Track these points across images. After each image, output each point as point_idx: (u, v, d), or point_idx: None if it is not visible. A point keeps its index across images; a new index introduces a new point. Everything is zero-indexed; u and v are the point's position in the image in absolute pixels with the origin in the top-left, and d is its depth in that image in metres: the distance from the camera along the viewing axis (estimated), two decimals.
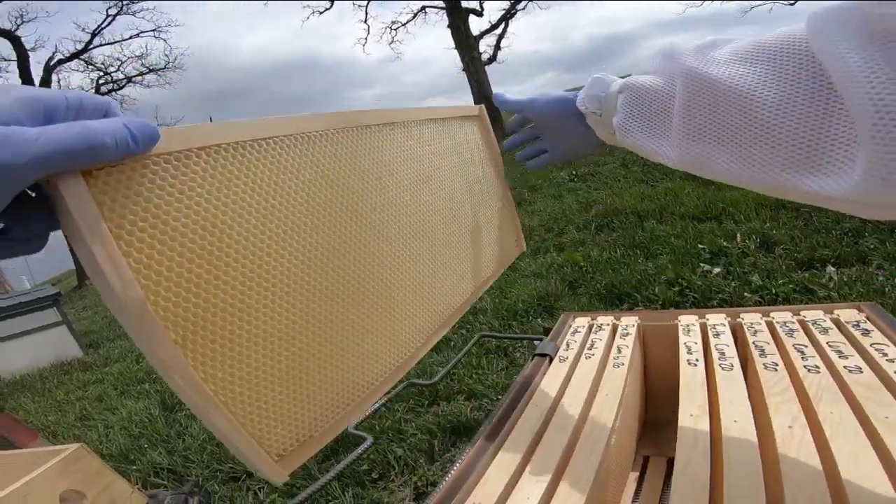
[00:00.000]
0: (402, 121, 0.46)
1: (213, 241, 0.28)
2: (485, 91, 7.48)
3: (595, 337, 0.70)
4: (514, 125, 0.62)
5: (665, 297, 2.34)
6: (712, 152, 0.36)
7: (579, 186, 4.86)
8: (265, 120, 0.32)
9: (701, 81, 0.35)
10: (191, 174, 0.27)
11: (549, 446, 0.48)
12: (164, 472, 2.00)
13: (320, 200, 0.36)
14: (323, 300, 0.35)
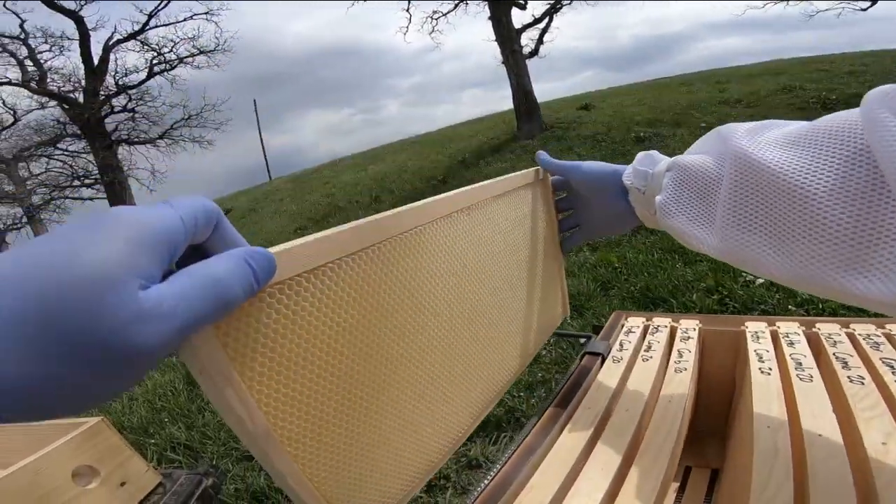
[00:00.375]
0: (474, 203, 0.45)
1: (320, 358, 0.29)
2: (524, 85, 7.34)
3: (652, 339, 0.64)
4: (555, 164, 0.57)
5: (703, 305, 2.24)
6: (755, 242, 0.34)
7: None
8: (353, 229, 0.31)
9: (750, 164, 0.33)
10: (300, 300, 0.27)
11: (607, 453, 0.43)
12: (180, 447, 2.01)
13: (403, 304, 0.36)
14: (407, 399, 0.36)
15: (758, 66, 8.65)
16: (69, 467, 0.73)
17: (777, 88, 6.38)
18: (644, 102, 7.61)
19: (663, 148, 5.24)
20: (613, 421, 0.47)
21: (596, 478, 0.40)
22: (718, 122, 2.48)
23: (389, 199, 6.93)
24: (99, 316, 0.16)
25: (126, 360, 0.17)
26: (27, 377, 0.15)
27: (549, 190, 0.59)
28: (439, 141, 10.43)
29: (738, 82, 7.45)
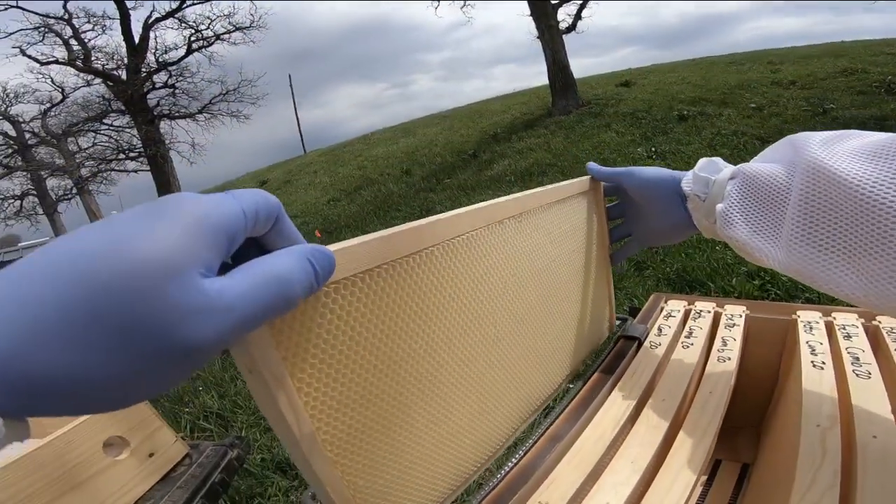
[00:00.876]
0: (527, 210, 0.43)
1: (368, 361, 0.28)
2: (560, 60, 7.09)
3: (694, 324, 0.60)
4: (606, 172, 0.55)
5: (743, 290, 2.14)
6: (826, 260, 0.32)
7: (657, 164, 4.52)
8: (411, 230, 0.30)
9: (825, 176, 0.31)
10: (354, 301, 0.27)
11: (639, 446, 0.40)
12: (212, 416, 2.08)
13: (451, 310, 0.35)
14: (448, 408, 0.35)
15: (816, 48, 8.07)
16: (100, 438, 0.74)
17: (836, 71, 5.95)
18: (688, 81, 7.25)
19: (709, 127, 5.02)
20: (648, 412, 0.44)
21: (625, 471, 0.37)
22: (769, 103, 2.36)
23: (420, 171, 6.91)
24: (159, 306, 0.15)
25: (183, 353, 0.16)
26: (73, 371, 0.14)
27: (601, 200, 0.57)
28: (469, 116, 10.29)
29: (793, 63, 6.98)
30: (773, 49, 9.13)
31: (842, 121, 4.41)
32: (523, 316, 0.43)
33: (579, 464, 0.38)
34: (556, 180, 2.53)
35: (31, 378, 0.14)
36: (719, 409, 0.44)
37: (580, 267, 0.53)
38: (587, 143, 5.64)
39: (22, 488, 0.63)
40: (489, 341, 0.39)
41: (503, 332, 0.40)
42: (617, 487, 0.35)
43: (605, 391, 0.48)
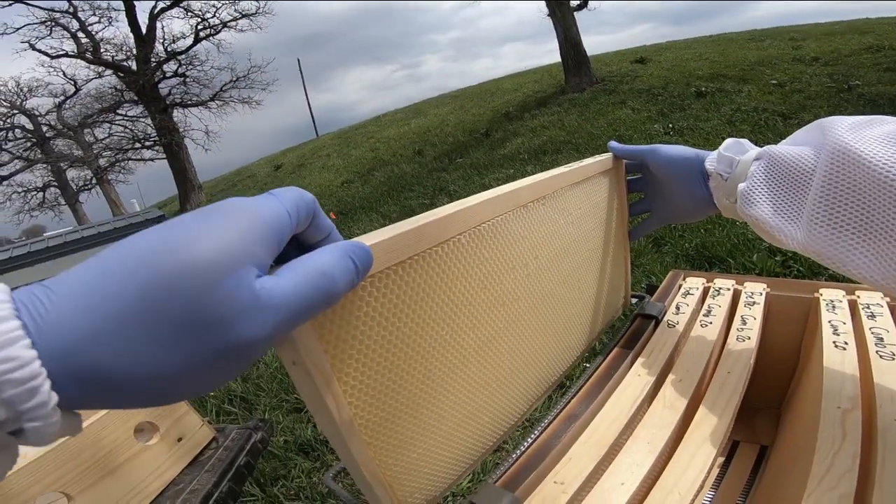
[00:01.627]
0: (550, 192, 0.43)
1: (400, 349, 0.29)
2: (572, 37, 6.92)
3: (713, 302, 0.59)
4: (628, 150, 0.55)
5: (764, 267, 2.10)
6: (847, 242, 0.31)
7: (674, 140, 4.44)
8: (438, 221, 0.30)
9: (850, 159, 0.31)
10: (387, 293, 0.27)
11: (656, 426, 0.40)
12: (237, 399, 2.12)
13: (477, 296, 0.35)
14: (471, 388, 0.36)
15: (840, 25, 7.73)
16: (131, 424, 0.76)
17: (861, 48, 5.70)
18: (706, 57, 7.03)
19: (728, 104, 4.88)
20: (665, 392, 0.44)
21: (641, 452, 0.37)
22: (791, 80, 2.28)
23: (432, 152, 6.87)
24: (215, 301, 0.16)
25: (236, 348, 0.17)
26: (137, 361, 0.15)
27: (622, 178, 0.57)
28: (480, 95, 10.16)
29: (816, 40, 6.70)
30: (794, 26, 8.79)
31: (868, 97, 4.25)
32: (543, 296, 0.43)
33: (595, 443, 0.38)
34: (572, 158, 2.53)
35: (99, 367, 0.15)
36: (738, 390, 0.43)
37: (599, 245, 0.53)
38: (602, 121, 5.53)
39: (60, 476, 0.65)
40: (510, 322, 0.39)
41: (524, 313, 0.41)
42: (632, 468, 0.35)
43: (621, 370, 0.48)
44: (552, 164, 4.62)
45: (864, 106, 4.11)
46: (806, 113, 4.27)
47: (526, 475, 0.36)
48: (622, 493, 0.33)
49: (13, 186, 12.36)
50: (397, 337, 0.28)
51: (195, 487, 0.80)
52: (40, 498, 0.63)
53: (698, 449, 0.37)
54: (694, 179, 0.48)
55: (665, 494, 0.33)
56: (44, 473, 0.64)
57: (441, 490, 0.36)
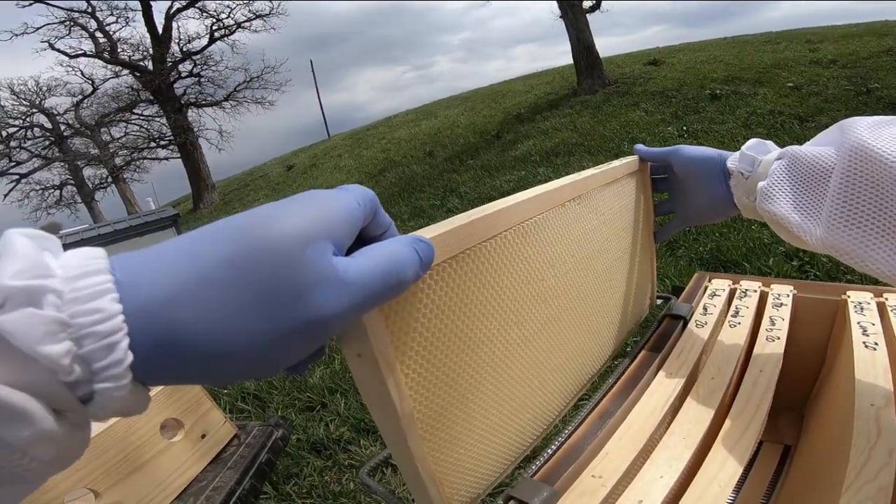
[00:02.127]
0: (585, 192, 0.44)
1: (453, 342, 0.30)
2: (585, 38, 6.90)
3: (740, 303, 0.59)
4: (654, 152, 0.56)
5: (780, 271, 2.08)
6: (866, 239, 0.32)
7: (689, 143, 4.40)
8: (488, 217, 0.32)
9: (868, 157, 0.31)
10: (444, 285, 0.28)
11: (690, 423, 0.40)
12: (250, 397, 2.14)
13: (521, 291, 0.36)
14: (515, 384, 0.37)
15: (857, 27, 7.63)
16: (157, 421, 0.76)
17: (880, 50, 5.62)
18: (720, 59, 6.98)
19: (744, 106, 4.84)
20: (698, 389, 0.44)
21: (676, 448, 0.37)
22: (808, 83, 2.26)
23: (443, 153, 6.89)
24: (296, 268, 0.17)
25: (315, 318, 0.17)
26: (215, 327, 0.16)
27: (647, 180, 0.58)
28: (491, 96, 10.17)
29: (833, 42, 6.62)
30: (810, 28, 8.68)
31: (888, 100, 4.19)
32: (579, 294, 0.44)
33: (631, 439, 0.38)
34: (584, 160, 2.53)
35: (177, 328, 0.15)
36: (770, 389, 0.43)
37: (628, 245, 0.54)
38: (615, 123, 5.51)
39: (88, 472, 0.65)
40: (550, 319, 0.40)
41: (562, 310, 0.41)
42: (671, 462, 0.36)
43: (652, 369, 0.48)
44: (564, 166, 4.61)
45: (884, 109, 4.06)
46: (823, 116, 4.22)
47: (563, 470, 0.37)
48: (661, 485, 0.34)
49: (31, 184, 12.58)
50: (450, 329, 0.29)
51: (218, 485, 0.80)
52: (69, 494, 0.64)
53: (734, 446, 0.37)
54: (715, 178, 0.48)
55: (706, 484, 0.34)
56: (73, 470, 0.64)
57: (483, 488, 0.37)
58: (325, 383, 2.07)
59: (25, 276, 0.13)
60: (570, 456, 0.38)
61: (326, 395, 1.98)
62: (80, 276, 0.14)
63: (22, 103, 11.92)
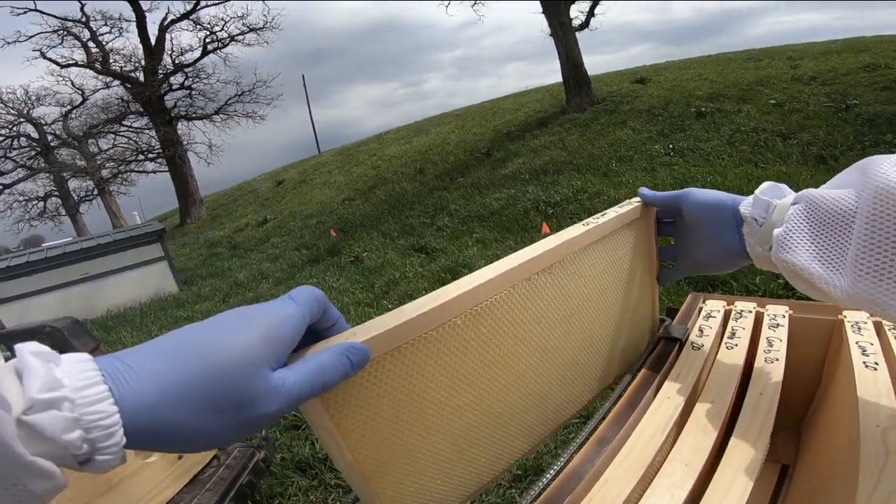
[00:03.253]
0: (560, 259, 0.42)
1: (397, 411, 0.33)
2: (574, 57, 7.02)
3: (736, 325, 0.58)
4: (661, 197, 0.52)
5: (767, 289, 2.10)
6: (894, 286, 0.29)
7: (675, 161, 4.48)
8: (433, 311, 0.33)
9: (892, 197, 0.28)
10: (386, 371, 0.31)
11: (691, 448, 0.39)
12: None
13: (479, 363, 0.37)
14: (468, 433, 0.39)
15: (836, 43, 7.88)
16: None
17: (858, 66, 5.80)
18: (705, 77, 7.15)
19: (728, 124, 4.92)
20: (697, 414, 0.43)
21: (678, 475, 0.36)
22: (790, 100, 2.30)
23: (433, 170, 6.94)
24: (246, 389, 0.23)
25: (256, 420, 0.24)
26: (187, 426, 0.22)
27: (651, 226, 0.55)
28: (482, 114, 10.28)
29: (813, 59, 6.82)
30: (791, 45, 8.93)
31: (866, 116, 4.30)
32: (547, 352, 0.43)
33: (630, 466, 0.37)
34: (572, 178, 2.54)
35: (158, 423, 0.22)
36: (771, 412, 0.42)
37: (617, 298, 0.51)
38: (603, 141, 5.59)
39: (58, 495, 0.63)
40: (510, 380, 0.40)
41: (525, 370, 0.41)
42: (672, 490, 0.34)
43: (650, 393, 0.47)
44: (553, 184, 4.65)
45: (863, 126, 4.16)
46: (805, 132, 4.32)
47: (562, 498, 0.35)
48: None
49: (14, 195, 12.36)
50: (396, 402, 0.33)
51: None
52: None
53: (738, 472, 0.36)
54: (726, 225, 0.45)
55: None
56: None
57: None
58: None
59: (46, 390, 0.19)
60: (568, 484, 0.36)
61: None
62: (85, 387, 0.20)
63: (10, 112, 11.76)
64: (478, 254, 3.55)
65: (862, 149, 3.73)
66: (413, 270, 3.61)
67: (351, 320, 2.77)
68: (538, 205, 4.28)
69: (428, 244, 4.13)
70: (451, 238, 4.18)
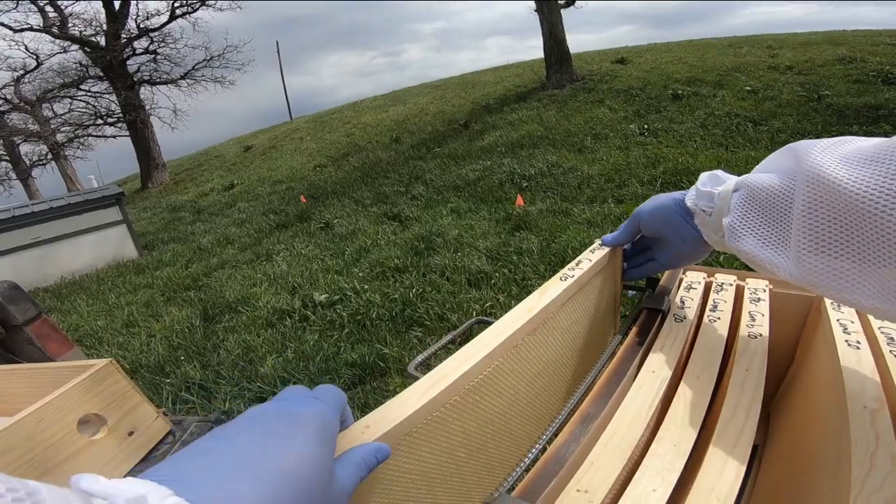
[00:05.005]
0: (544, 320, 0.44)
1: (405, 486, 0.33)
2: (557, 33, 6.92)
3: (717, 297, 0.56)
4: (623, 235, 0.55)
5: (730, 264, 2.14)
6: (839, 268, 0.30)
7: (649, 141, 4.50)
8: (429, 404, 0.34)
9: (824, 183, 0.30)
10: (396, 455, 0.31)
11: (680, 427, 0.36)
12: (195, 387, 2.02)
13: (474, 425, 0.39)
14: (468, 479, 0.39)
15: (817, 35, 8.00)
16: (75, 416, 0.67)
17: (835, 59, 5.91)
18: (684, 61, 7.18)
19: (703, 108, 4.97)
20: (683, 390, 0.40)
21: (668, 456, 0.33)
22: (765, 87, 2.32)
23: (410, 140, 6.82)
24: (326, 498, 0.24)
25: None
26: None
27: (618, 266, 0.58)
28: (462, 86, 10.12)
29: (792, 49, 6.92)
30: (773, 34, 9.03)
31: (836, 107, 4.40)
32: (526, 398, 0.45)
33: (617, 446, 0.34)
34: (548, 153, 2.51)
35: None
36: (759, 389, 0.40)
37: (587, 335, 0.54)
38: (580, 118, 5.57)
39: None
40: (497, 430, 0.42)
41: (507, 408, 0.43)
42: (663, 472, 0.32)
43: (633, 366, 0.44)
44: (528, 158, 4.62)
45: (832, 116, 4.26)
46: (776, 120, 4.39)
47: (544, 483, 0.32)
48: (655, 499, 0.29)
49: None
50: (404, 477, 0.33)
51: None
52: None
53: (730, 451, 0.33)
54: (679, 222, 0.48)
55: (705, 498, 0.30)
56: None
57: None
58: (278, 372, 1.98)
59: None
60: (551, 467, 0.33)
61: (278, 385, 1.89)
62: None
63: None
64: (452, 223, 3.50)
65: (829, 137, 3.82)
66: (385, 238, 3.54)
67: (320, 288, 2.68)
68: (513, 177, 4.25)
69: (402, 212, 4.05)
70: (425, 207, 4.11)
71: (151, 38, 11.17)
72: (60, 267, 4.91)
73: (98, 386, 0.71)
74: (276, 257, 3.71)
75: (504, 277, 2.45)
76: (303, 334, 2.30)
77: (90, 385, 0.70)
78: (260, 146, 10.89)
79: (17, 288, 1.07)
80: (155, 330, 2.75)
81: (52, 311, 3.65)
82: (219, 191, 7.74)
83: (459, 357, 0.36)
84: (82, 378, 0.69)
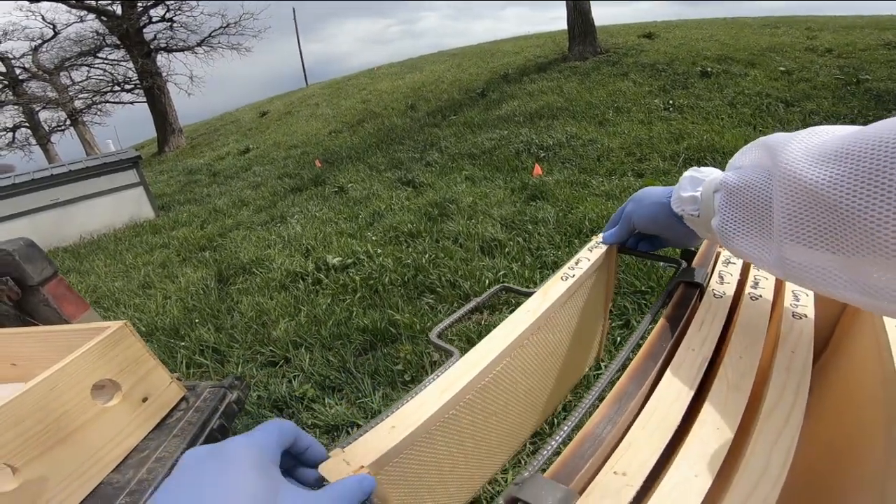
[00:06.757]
0: (546, 319, 0.45)
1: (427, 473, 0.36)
2: (582, 5, 6.64)
3: (759, 274, 0.52)
4: (622, 233, 0.56)
5: None
6: (820, 263, 0.31)
7: (673, 116, 4.35)
8: (440, 410, 0.35)
9: (797, 183, 0.30)
10: (415, 451, 0.34)
11: (721, 410, 0.33)
12: (209, 350, 2.03)
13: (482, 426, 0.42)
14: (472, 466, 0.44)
15: (863, 19, 7.55)
16: (89, 382, 0.65)
17: (878, 43, 5.59)
18: (716, 38, 6.87)
19: (732, 86, 4.77)
20: (726, 371, 0.37)
21: (712, 438, 0.31)
22: (800, 68, 2.18)
23: (426, 107, 6.70)
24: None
25: None
26: None
27: (613, 263, 0.60)
28: (479, 55, 9.87)
29: (833, 32, 6.55)
30: (813, 16, 8.58)
31: (875, 92, 4.19)
32: (524, 393, 0.48)
33: (657, 427, 0.31)
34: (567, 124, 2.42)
35: None
36: (806, 374, 0.37)
37: (580, 329, 0.57)
38: (602, 91, 5.40)
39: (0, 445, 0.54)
40: (498, 430, 0.46)
41: (511, 419, 0.47)
42: (705, 457, 0.29)
43: (671, 344, 0.41)
44: (547, 128, 4.50)
45: (870, 101, 4.06)
46: (809, 101, 4.20)
47: (579, 464, 0.30)
48: (697, 486, 0.27)
49: None
50: (419, 469, 0.35)
51: (162, 455, 0.70)
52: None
53: (777, 438, 0.31)
54: (672, 222, 0.48)
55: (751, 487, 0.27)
56: None
57: None
58: (290, 336, 1.98)
59: None
60: (586, 447, 0.31)
61: (290, 350, 1.90)
62: None
63: None
64: (466, 190, 3.44)
65: (864, 123, 3.65)
66: (399, 203, 3.50)
67: (333, 251, 2.67)
68: (530, 147, 4.15)
69: (416, 178, 4.00)
70: (439, 174, 4.05)
71: (168, 5, 11.11)
72: (79, 228, 4.99)
73: (112, 350, 0.70)
74: (291, 219, 3.70)
75: (518, 246, 2.41)
76: (315, 298, 2.30)
77: (104, 349, 0.68)
78: (275, 112, 10.81)
79: (34, 245, 1.06)
80: (171, 292, 2.77)
81: (71, 272, 3.70)
82: (234, 155, 7.73)
83: (473, 356, 0.38)
84: (96, 342, 0.67)
